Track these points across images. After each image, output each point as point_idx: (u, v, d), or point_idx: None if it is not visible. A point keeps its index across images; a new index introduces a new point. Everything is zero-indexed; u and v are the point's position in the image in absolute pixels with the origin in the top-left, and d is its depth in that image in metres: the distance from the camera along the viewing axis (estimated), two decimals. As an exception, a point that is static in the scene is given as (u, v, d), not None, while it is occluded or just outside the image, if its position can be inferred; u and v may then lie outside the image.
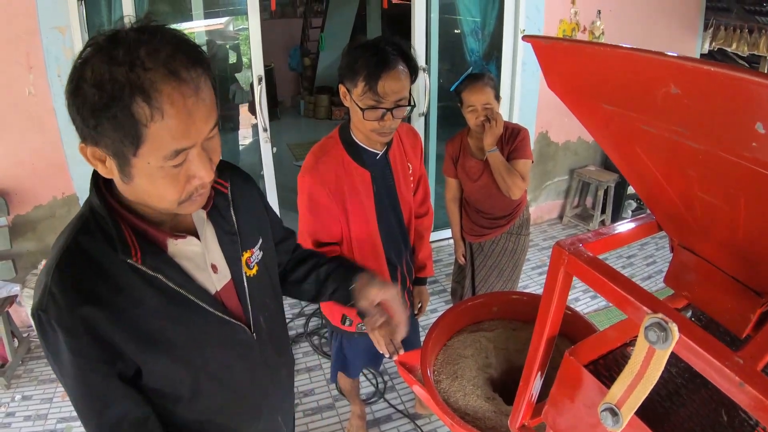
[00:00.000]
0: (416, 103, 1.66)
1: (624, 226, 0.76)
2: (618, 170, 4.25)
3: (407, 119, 3.50)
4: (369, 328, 1.57)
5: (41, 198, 2.93)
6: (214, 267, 0.95)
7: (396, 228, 1.75)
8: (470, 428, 0.98)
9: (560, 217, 4.62)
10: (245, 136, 5.58)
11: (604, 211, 4.35)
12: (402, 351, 1.51)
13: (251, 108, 3.79)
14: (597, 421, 0.62)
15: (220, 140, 0.84)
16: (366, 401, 2.60)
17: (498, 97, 2.21)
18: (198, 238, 0.93)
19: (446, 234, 3.96)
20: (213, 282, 0.94)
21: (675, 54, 0.44)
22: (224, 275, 0.97)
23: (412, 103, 1.52)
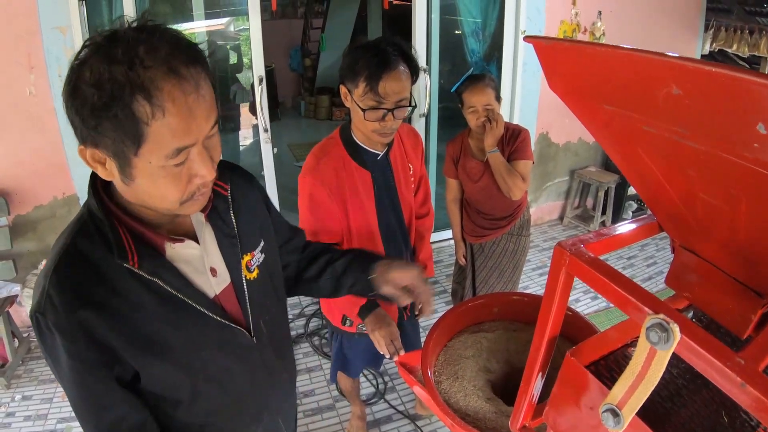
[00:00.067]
0: (417, 104, 1.66)
1: (625, 227, 0.76)
2: (618, 171, 4.25)
3: (408, 120, 3.50)
4: (369, 329, 1.57)
5: (42, 198, 2.93)
6: (214, 270, 0.94)
7: (397, 228, 1.75)
8: (471, 429, 0.98)
9: (561, 218, 4.62)
10: (246, 137, 5.59)
11: (605, 212, 4.35)
12: (402, 352, 1.51)
13: (252, 108, 3.79)
14: (598, 422, 0.62)
15: (221, 141, 0.84)
16: (366, 402, 2.60)
17: (499, 98, 2.21)
18: (197, 242, 0.92)
19: (447, 235, 3.96)
20: (212, 285, 0.93)
21: (676, 55, 0.44)
22: (224, 279, 0.96)
23: (413, 104, 1.52)
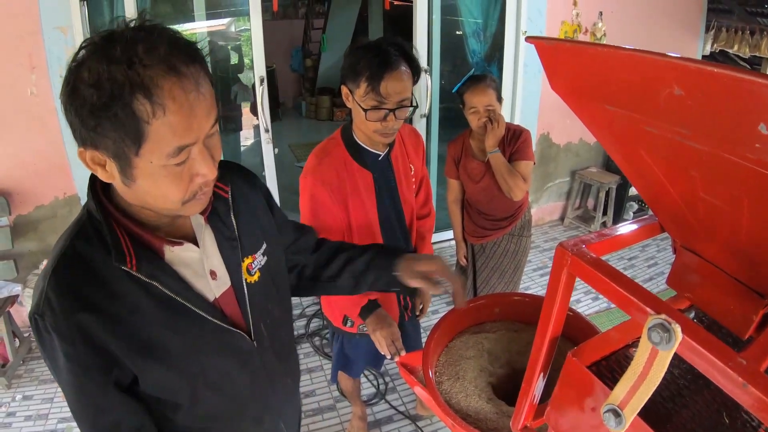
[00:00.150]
0: (418, 104, 1.67)
1: (627, 228, 0.76)
2: (620, 172, 4.24)
3: (409, 120, 3.50)
4: (370, 329, 1.57)
5: (43, 198, 2.93)
6: (213, 273, 0.92)
7: (398, 229, 1.75)
8: (472, 429, 0.97)
9: (561, 219, 4.62)
10: (247, 137, 5.59)
11: (606, 213, 4.34)
12: (403, 352, 1.51)
13: (253, 109, 3.79)
14: (600, 423, 0.62)
15: (222, 141, 0.83)
16: (367, 402, 2.60)
17: (500, 99, 2.21)
18: (197, 245, 0.90)
19: (448, 235, 3.95)
20: (211, 289, 0.92)
21: (678, 55, 0.44)
22: (224, 282, 0.95)
23: (415, 104, 1.52)
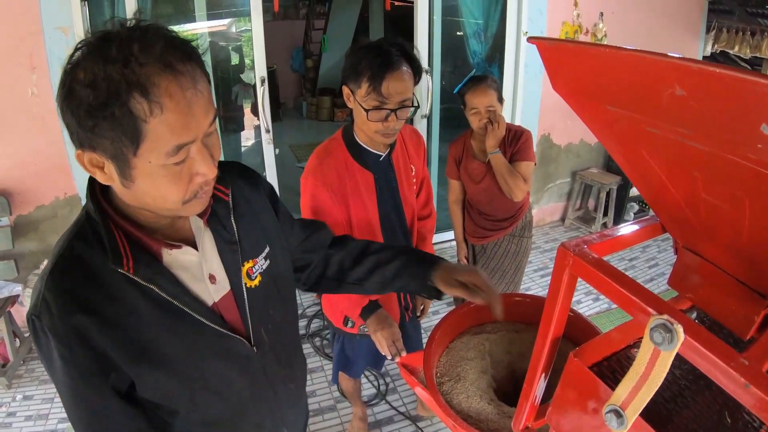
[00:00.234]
0: (419, 104, 1.67)
1: (628, 228, 0.76)
2: (620, 172, 4.23)
3: (410, 121, 3.50)
4: (371, 330, 1.57)
5: (43, 198, 2.94)
6: (213, 277, 0.91)
7: (398, 230, 1.75)
8: (473, 430, 0.97)
9: (562, 220, 4.62)
10: (248, 138, 5.58)
11: (606, 214, 4.34)
12: (404, 353, 1.51)
13: (254, 109, 3.79)
14: (601, 423, 0.62)
15: (223, 142, 0.83)
16: (367, 403, 2.60)
17: (501, 100, 2.21)
18: (196, 248, 0.89)
19: (449, 236, 3.95)
20: (210, 293, 0.91)
21: (680, 55, 0.44)
22: (223, 286, 0.93)
23: (416, 104, 1.52)
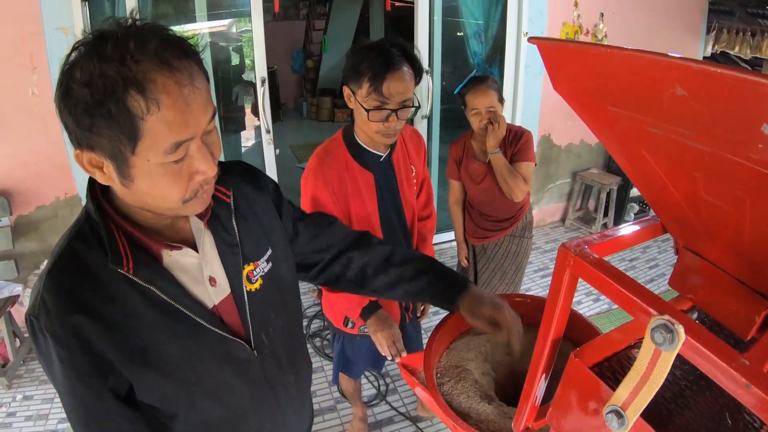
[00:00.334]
0: (420, 105, 1.66)
1: (629, 229, 0.76)
2: (621, 173, 4.23)
3: (410, 121, 3.50)
4: (371, 330, 1.57)
5: (44, 198, 2.94)
6: (213, 280, 0.90)
7: (399, 230, 1.75)
8: (473, 431, 0.97)
9: (563, 220, 4.62)
10: (248, 138, 5.59)
11: (607, 214, 4.34)
12: (404, 353, 1.51)
13: (254, 110, 3.79)
14: (602, 423, 0.62)
15: (223, 142, 0.82)
16: (368, 403, 2.60)
17: (501, 100, 2.21)
18: (196, 250, 0.88)
19: (449, 236, 3.95)
20: (210, 296, 0.90)
21: (681, 56, 0.44)
22: (223, 289, 0.92)
23: (417, 104, 1.52)
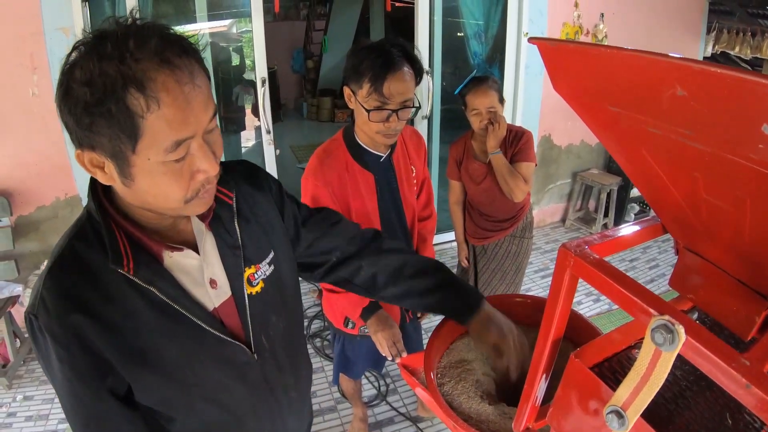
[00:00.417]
0: (420, 105, 1.67)
1: (629, 229, 0.75)
2: (621, 173, 4.24)
3: (410, 122, 3.50)
4: (372, 331, 1.57)
5: (44, 199, 2.94)
6: (214, 282, 0.90)
7: (399, 231, 1.75)
8: (473, 431, 0.97)
9: (563, 221, 4.62)
10: (248, 138, 5.60)
11: (607, 215, 4.34)
12: (404, 353, 1.51)
13: (254, 110, 3.80)
14: (602, 424, 0.62)
15: (223, 142, 0.81)
16: (368, 404, 2.60)
17: (502, 100, 2.22)
18: (197, 252, 0.88)
19: (449, 237, 3.96)
20: (210, 298, 0.90)
21: (681, 56, 0.44)
22: (224, 291, 0.92)
23: (417, 105, 1.52)
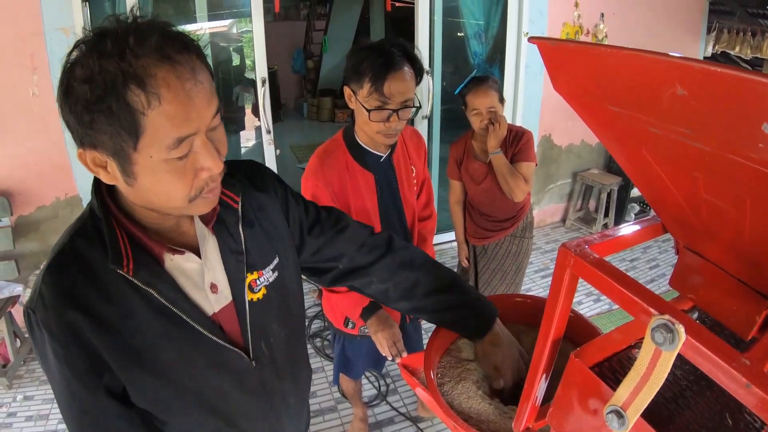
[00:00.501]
0: (421, 105, 1.66)
1: (629, 228, 0.75)
2: (621, 173, 4.24)
3: (411, 122, 3.50)
4: (372, 331, 1.57)
5: (44, 199, 2.94)
6: (214, 287, 0.89)
7: (399, 231, 1.75)
8: (474, 431, 0.97)
9: (563, 221, 4.62)
10: (248, 138, 5.60)
11: (607, 215, 4.34)
12: (405, 353, 1.51)
13: (255, 110, 3.80)
14: (602, 424, 0.62)
15: None
16: (368, 404, 2.60)
17: (502, 100, 2.22)
18: (199, 255, 0.87)
19: (449, 237, 3.96)
20: (211, 303, 0.88)
21: (681, 55, 0.44)
22: (225, 296, 0.90)
23: (418, 105, 1.52)
